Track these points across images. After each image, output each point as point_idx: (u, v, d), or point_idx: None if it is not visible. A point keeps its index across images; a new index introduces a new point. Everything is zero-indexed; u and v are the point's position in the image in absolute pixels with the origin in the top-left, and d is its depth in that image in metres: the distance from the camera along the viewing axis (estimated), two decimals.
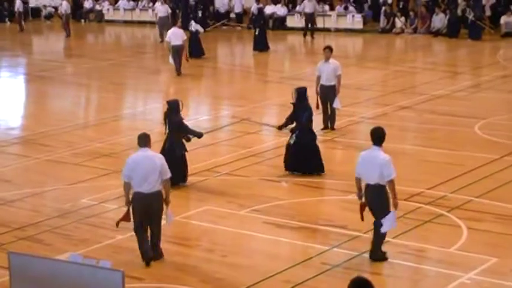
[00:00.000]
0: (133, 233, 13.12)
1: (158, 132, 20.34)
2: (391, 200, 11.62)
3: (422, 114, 21.10)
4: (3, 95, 26.96)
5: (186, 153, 15.60)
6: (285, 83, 26.72)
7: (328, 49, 19.79)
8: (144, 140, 12.05)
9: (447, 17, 36.80)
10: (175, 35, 27.86)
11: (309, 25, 37.56)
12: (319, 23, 39.54)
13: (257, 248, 12.98)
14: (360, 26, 39.21)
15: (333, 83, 19.36)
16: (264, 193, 15.00)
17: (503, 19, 35.97)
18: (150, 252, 11.84)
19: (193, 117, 22.39)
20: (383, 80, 27.12)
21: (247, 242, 13.14)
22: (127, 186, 11.80)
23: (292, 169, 16.07)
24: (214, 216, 13.89)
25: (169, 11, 37.32)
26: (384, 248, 12.30)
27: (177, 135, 15.56)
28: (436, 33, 36.60)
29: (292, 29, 40.22)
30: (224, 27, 41.91)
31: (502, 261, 11.74)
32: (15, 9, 42.61)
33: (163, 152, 14.60)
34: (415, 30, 37.62)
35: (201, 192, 15.24)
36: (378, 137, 11.81)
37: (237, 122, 20.34)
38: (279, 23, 40.89)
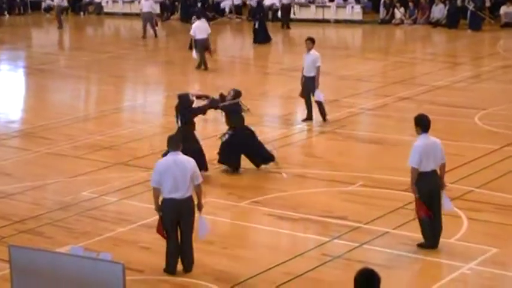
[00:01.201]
0: (133, 225, 13.16)
1: (159, 124, 20.40)
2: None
3: (422, 105, 21.07)
4: (3, 89, 26.92)
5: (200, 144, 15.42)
6: (285, 74, 26.71)
7: (310, 40, 19.77)
8: (174, 143, 11.34)
9: (447, 7, 36.72)
10: (200, 29, 27.41)
11: (285, 16, 37.70)
12: (319, 14, 39.51)
13: (257, 239, 13.00)
14: (359, 17, 39.15)
15: (312, 74, 19.41)
16: (264, 185, 15.01)
17: (503, 9, 35.91)
18: (175, 267, 11.29)
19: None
20: (383, 71, 27.11)
21: (248, 234, 13.15)
22: (156, 192, 11.12)
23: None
24: (215, 208, 13.89)
25: (154, 6, 37.03)
26: (385, 239, 12.34)
27: (188, 128, 15.41)
28: (436, 24, 36.53)
29: (291, 20, 40.13)
30: (223, 19, 41.83)
31: (502, 252, 11.76)
32: (54, 4, 41.98)
33: None
34: (414, 21, 37.57)
35: (203, 185, 15.20)
36: (426, 123, 11.98)
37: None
38: (277, 15, 40.80)
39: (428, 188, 11.67)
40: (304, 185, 15.22)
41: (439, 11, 37.01)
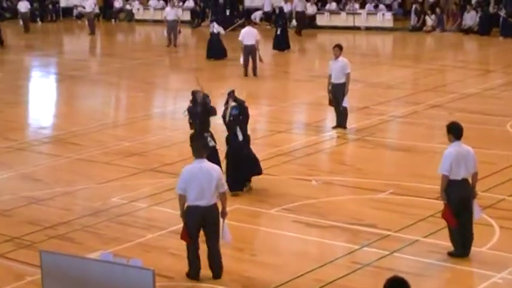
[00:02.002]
0: (162, 231, 13.19)
1: (188, 131, 20.38)
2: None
3: (453, 112, 20.94)
4: (35, 95, 27.17)
5: (212, 145, 15.05)
6: (314, 81, 26.67)
7: (338, 47, 19.68)
8: (200, 151, 11.40)
9: (478, 14, 36.51)
10: (249, 35, 27.41)
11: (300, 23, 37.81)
12: (349, 21, 39.47)
13: (287, 247, 12.96)
14: (390, 24, 39.04)
15: (342, 81, 19.29)
16: (294, 192, 14.97)
17: None
18: (197, 272, 11.34)
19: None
20: (413, 78, 26.97)
21: (277, 241, 13.12)
22: (182, 198, 11.19)
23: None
24: (245, 215, 13.88)
25: (179, 14, 37.03)
26: (415, 247, 12.26)
27: (201, 127, 15.25)
28: (467, 31, 36.33)
29: (322, 27, 40.12)
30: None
31: None
32: (90, 10, 41.87)
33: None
34: (443, 29, 37.36)
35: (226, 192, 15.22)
36: (459, 131, 11.94)
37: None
38: (308, 22, 40.81)
39: (458, 196, 11.57)
40: (334, 192, 15.17)
41: (470, 18, 36.80)
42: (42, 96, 26.69)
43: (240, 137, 15.09)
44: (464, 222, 11.62)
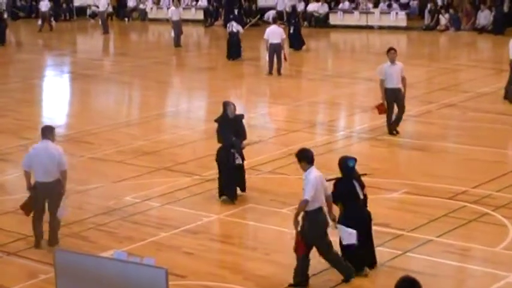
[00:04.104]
0: (176, 230, 13.24)
1: (201, 130, 20.47)
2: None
3: (466, 112, 20.90)
4: (49, 94, 27.26)
5: (239, 162, 14.52)
6: (329, 80, 26.66)
7: (394, 50, 18.89)
8: (45, 132, 12.80)
9: (493, 13, 36.38)
10: (274, 33, 27.37)
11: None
12: (362, 20, 39.41)
13: None
14: (403, 23, 38.96)
15: (400, 86, 18.53)
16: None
17: None
18: (41, 236, 12.70)
19: None
20: (427, 77, 26.90)
21: (290, 240, 13.09)
22: (27, 174, 12.64)
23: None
24: (257, 214, 13.89)
25: (182, 13, 36.77)
26: (428, 247, 12.23)
27: (220, 140, 14.76)
28: (481, 30, 36.21)
29: (335, 26, 40.09)
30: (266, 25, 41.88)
31: None
32: (104, 9, 41.79)
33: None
34: (457, 29, 37.25)
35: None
36: (310, 156, 11.16)
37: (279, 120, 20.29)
38: (322, 21, 40.78)
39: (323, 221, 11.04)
40: None
41: (484, 17, 36.68)
42: (56, 95, 26.77)
43: (239, 161, 14.55)
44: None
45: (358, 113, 21.73)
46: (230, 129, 14.51)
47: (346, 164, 11.49)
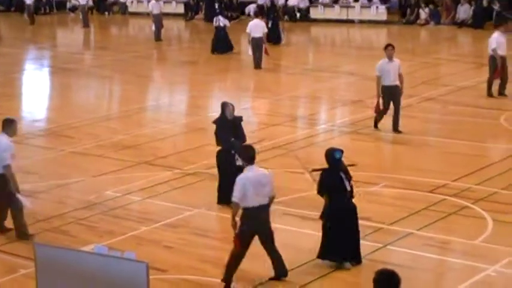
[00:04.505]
0: (156, 224, 13.23)
1: (183, 124, 20.46)
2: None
3: (447, 105, 20.99)
4: (29, 88, 27.12)
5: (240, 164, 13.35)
6: (308, 74, 26.69)
7: (392, 47, 18.60)
8: (3, 125, 12.77)
9: (472, 7, 36.53)
10: (256, 27, 27.38)
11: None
12: (343, 14, 39.49)
13: (280, 240, 12.92)
14: (383, 17, 39.05)
15: (397, 83, 18.22)
16: (288, 185, 14.96)
17: None
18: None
19: (218, 109, 22.40)
20: (408, 71, 26.84)
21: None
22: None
23: None
24: None
25: (162, 7, 36.55)
26: (408, 240, 12.28)
27: (219, 142, 14.18)
28: (461, 24, 36.36)
29: (315, 20, 40.12)
30: (247, 19, 41.87)
31: None
32: (84, 3, 41.31)
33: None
34: (437, 23, 37.38)
35: None
36: (252, 154, 10.92)
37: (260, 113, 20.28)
38: (302, 15, 40.80)
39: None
40: None
41: (464, 11, 36.82)
42: (36, 89, 26.64)
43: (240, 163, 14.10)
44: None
45: (339, 107, 21.78)
46: (229, 131, 13.93)
47: (332, 156, 11.51)
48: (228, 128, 13.97)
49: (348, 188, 11.42)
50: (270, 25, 33.09)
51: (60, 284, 8.02)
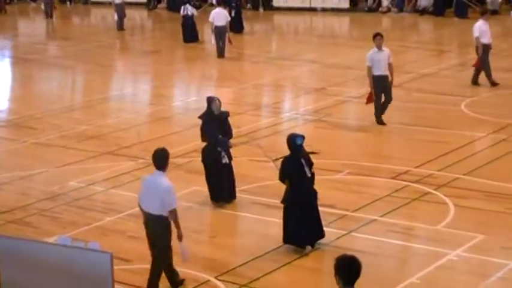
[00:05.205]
0: (120, 214, 13.21)
1: (147, 113, 20.40)
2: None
3: (409, 92, 21.13)
4: None
5: (226, 162, 13.53)
6: (272, 63, 26.72)
7: (381, 36, 18.31)
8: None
9: None
10: (219, 16, 27.27)
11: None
12: (306, 2, 39.51)
13: (246, 228, 13.03)
14: (346, 5, 39.13)
15: (387, 72, 17.98)
16: (253, 173, 15.02)
17: None
18: None
19: (182, 98, 22.40)
20: None
21: (236, 223, 13.18)
22: None
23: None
24: (202, 197, 13.90)
25: None
26: (372, 226, 12.40)
27: (205, 138, 13.82)
28: (423, 12, 36.58)
29: (278, 8, 40.09)
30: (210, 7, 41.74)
31: (488, 238, 11.82)
32: None
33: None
34: (399, 10, 37.56)
35: (189, 173, 15.25)
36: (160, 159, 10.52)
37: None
38: (267, 3, 40.73)
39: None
40: None
41: None
42: None
43: (226, 160, 13.59)
44: None
45: (303, 95, 21.85)
46: (215, 127, 13.51)
47: (294, 142, 11.59)
48: (215, 124, 13.52)
49: (309, 174, 11.51)
50: (233, 14, 33.04)
51: (24, 276, 8.00)
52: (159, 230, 10.15)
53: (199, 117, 13.80)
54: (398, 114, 19.36)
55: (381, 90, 17.93)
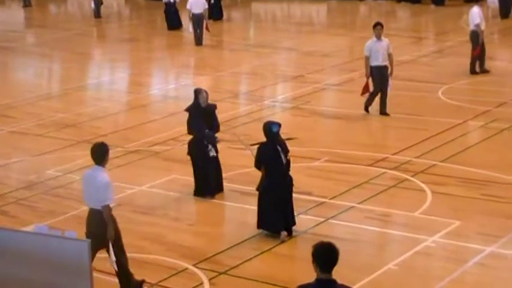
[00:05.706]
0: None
1: (124, 102, 20.33)
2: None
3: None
4: None
5: (213, 155, 13.39)
6: (250, 50, 26.70)
7: (381, 26, 18.06)
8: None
9: None
10: (197, 3, 27.24)
11: None
12: None
13: (224, 216, 13.04)
14: None
15: (386, 63, 17.75)
16: (230, 161, 14.99)
17: None
18: None
19: (159, 86, 22.35)
20: (348, 46, 27.15)
21: (214, 210, 13.17)
22: None
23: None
24: (181, 185, 13.89)
25: None
26: (350, 213, 12.44)
27: (191, 131, 13.58)
28: None
29: None
30: None
31: (465, 224, 11.90)
32: None
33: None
34: None
35: (168, 161, 15.24)
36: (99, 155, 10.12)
37: None
38: None
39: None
40: None
41: None
42: None
43: (213, 153, 13.44)
44: None
45: (280, 83, 21.86)
46: (202, 119, 13.26)
47: (270, 129, 11.61)
48: (201, 116, 13.26)
49: (284, 161, 11.54)
50: (212, 1, 32.98)
51: (1, 264, 7.98)
52: (102, 223, 9.93)
53: (186, 109, 13.57)
54: (375, 102, 19.41)
55: (380, 81, 17.68)
